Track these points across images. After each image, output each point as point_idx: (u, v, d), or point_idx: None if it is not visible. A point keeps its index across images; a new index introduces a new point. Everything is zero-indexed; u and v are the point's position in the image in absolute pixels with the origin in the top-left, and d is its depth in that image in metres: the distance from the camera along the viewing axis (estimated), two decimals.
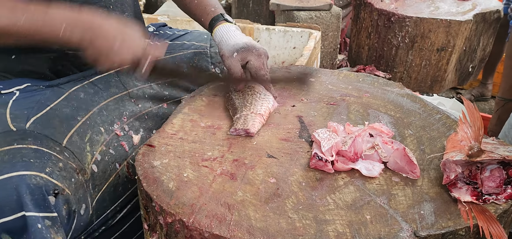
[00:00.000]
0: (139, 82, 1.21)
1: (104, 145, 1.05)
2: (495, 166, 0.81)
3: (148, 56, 1.01)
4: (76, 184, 0.91)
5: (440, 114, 1.12)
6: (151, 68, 1.03)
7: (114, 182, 1.06)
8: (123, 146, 1.09)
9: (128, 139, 1.11)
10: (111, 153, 1.06)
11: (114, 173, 1.06)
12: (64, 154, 0.93)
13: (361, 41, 2.93)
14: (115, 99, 1.13)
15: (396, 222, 0.77)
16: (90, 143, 1.02)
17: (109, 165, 1.05)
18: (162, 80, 1.24)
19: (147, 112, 1.20)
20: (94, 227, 1.03)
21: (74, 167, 0.92)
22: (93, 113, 1.05)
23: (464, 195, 0.81)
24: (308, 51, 2.03)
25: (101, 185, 1.02)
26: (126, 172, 1.09)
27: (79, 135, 1.00)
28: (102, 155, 1.03)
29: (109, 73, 1.17)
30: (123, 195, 1.10)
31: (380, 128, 0.98)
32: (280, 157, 0.96)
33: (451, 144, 0.88)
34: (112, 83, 1.16)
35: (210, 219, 0.78)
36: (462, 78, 2.99)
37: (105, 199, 1.04)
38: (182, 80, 1.28)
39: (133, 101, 1.18)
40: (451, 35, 2.59)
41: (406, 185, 0.87)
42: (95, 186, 1.01)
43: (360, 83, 1.31)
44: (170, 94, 1.27)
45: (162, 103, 1.24)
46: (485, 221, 0.76)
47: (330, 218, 0.78)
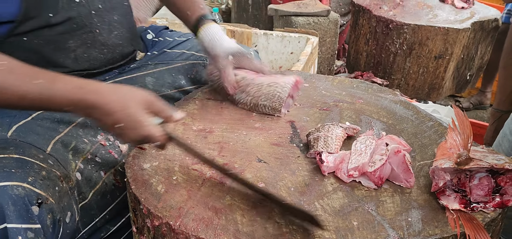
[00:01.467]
0: None
1: (89, 153, 1.03)
2: (484, 174, 0.81)
3: (154, 140, 0.90)
4: (61, 192, 0.89)
5: (433, 121, 1.12)
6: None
7: (101, 190, 1.05)
8: (111, 153, 1.08)
9: (115, 147, 1.09)
10: (97, 161, 1.04)
11: (99, 181, 1.04)
12: (48, 162, 0.91)
13: (359, 48, 2.93)
14: None
15: (383, 229, 0.77)
16: (74, 152, 1.00)
17: (93, 173, 1.04)
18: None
19: None
20: (83, 236, 1.02)
21: (58, 174, 0.90)
22: (75, 126, 1.04)
23: (452, 202, 0.81)
24: (305, 56, 2.03)
25: (87, 192, 1.01)
26: (113, 180, 1.08)
27: (63, 144, 0.99)
28: (85, 163, 1.02)
29: None
30: (112, 203, 1.08)
31: (400, 140, 0.94)
32: (270, 161, 0.96)
33: (441, 151, 0.88)
34: None
35: (197, 223, 0.78)
36: (460, 86, 2.99)
37: (92, 207, 1.03)
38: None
39: None
40: (449, 43, 2.59)
41: (395, 192, 0.87)
42: (80, 194, 1.00)
43: (354, 89, 1.31)
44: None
45: None
46: (472, 229, 0.76)
47: None
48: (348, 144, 0.99)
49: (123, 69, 1.24)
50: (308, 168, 0.94)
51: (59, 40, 1.07)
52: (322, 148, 0.94)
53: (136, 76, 1.22)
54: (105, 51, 1.17)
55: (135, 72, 1.23)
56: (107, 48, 1.17)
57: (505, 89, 1.59)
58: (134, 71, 1.24)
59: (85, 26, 1.10)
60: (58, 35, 1.06)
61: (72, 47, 1.09)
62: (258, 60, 1.20)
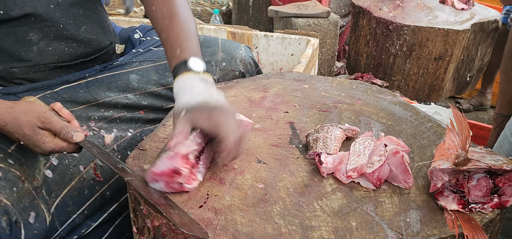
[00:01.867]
0: (113, 93, 1.16)
1: None
2: (482, 175, 0.81)
3: (62, 151, 0.92)
4: (20, 192, 0.88)
5: (431, 122, 1.13)
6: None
7: (78, 186, 1.03)
8: None
9: (98, 139, 1.08)
10: (74, 156, 1.02)
11: (76, 176, 1.03)
12: (8, 161, 0.90)
13: (359, 49, 2.94)
14: (81, 109, 1.10)
15: (381, 230, 0.77)
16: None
17: (70, 169, 1.02)
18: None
19: (120, 117, 1.16)
20: (61, 234, 1.01)
21: (17, 174, 0.89)
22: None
23: (450, 203, 0.81)
24: (306, 58, 2.04)
25: (60, 190, 1.00)
26: (93, 174, 1.07)
27: None
28: (60, 158, 1.00)
29: (78, 84, 1.14)
30: (90, 198, 1.07)
31: (398, 141, 0.95)
32: (270, 162, 0.96)
33: (440, 152, 0.88)
34: (80, 94, 1.12)
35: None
36: (460, 87, 2.99)
37: (68, 204, 1.02)
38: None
39: (103, 110, 1.14)
40: (449, 44, 2.60)
41: (393, 193, 0.87)
42: (51, 192, 0.98)
43: (353, 91, 1.31)
44: (150, 104, 1.22)
45: (138, 111, 1.21)
46: (470, 230, 0.76)
47: (316, 224, 0.78)
48: (347, 145, 1.00)
49: (105, 66, 1.23)
50: (307, 169, 0.94)
51: (18, 32, 1.05)
52: (321, 149, 0.95)
53: (120, 73, 1.21)
54: (74, 45, 1.14)
55: (118, 69, 1.22)
56: (76, 43, 1.14)
57: (506, 94, 1.59)
58: (117, 68, 1.22)
59: (46, 20, 1.07)
60: (17, 28, 1.04)
61: (34, 40, 1.07)
62: (221, 113, 0.86)
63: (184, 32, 1.00)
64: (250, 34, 2.35)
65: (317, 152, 0.94)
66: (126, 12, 2.76)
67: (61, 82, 1.12)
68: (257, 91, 1.28)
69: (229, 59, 1.36)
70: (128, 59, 1.26)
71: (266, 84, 1.33)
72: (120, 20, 2.31)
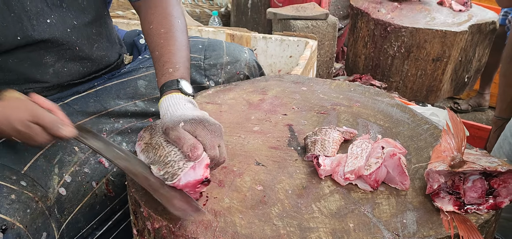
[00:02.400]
0: (122, 100, 1.17)
1: (77, 165, 1.02)
2: (477, 177, 0.82)
3: (61, 140, 0.93)
4: (33, 213, 0.89)
5: (428, 124, 1.14)
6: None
7: (90, 202, 1.04)
8: (102, 163, 1.07)
9: None
10: (86, 172, 1.03)
11: (89, 192, 1.03)
12: (20, 183, 0.90)
13: (358, 51, 2.95)
14: (91, 120, 1.11)
15: (378, 231, 0.78)
16: (59, 165, 0.99)
17: (83, 185, 1.02)
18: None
19: (130, 126, 1.17)
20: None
21: (31, 196, 0.90)
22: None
23: (446, 204, 0.82)
24: (304, 60, 2.05)
25: (72, 207, 1.00)
26: (105, 190, 1.07)
27: (46, 158, 0.98)
28: (73, 175, 1.01)
29: (87, 93, 1.15)
30: (100, 213, 1.08)
31: (395, 143, 0.95)
32: (269, 164, 0.98)
33: (436, 154, 0.90)
34: (90, 104, 1.13)
35: (196, 225, 0.79)
36: (458, 88, 3.01)
37: (79, 220, 1.03)
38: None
39: (113, 119, 1.14)
40: (446, 46, 2.61)
41: (390, 194, 0.88)
42: (64, 210, 0.99)
43: (351, 93, 1.33)
44: (158, 110, 1.23)
45: (147, 118, 1.21)
46: (466, 231, 0.77)
47: (314, 226, 0.79)
48: (345, 147, 1.01)
49: (113, 74, 1.24)
50: (306, 171, 0.95)
51: (35, 56, 1.05)
52: (319, 151, 0.96)
53: (127, 80, 1.22)
54: (88, 64, 1.16)
55: (125, 76, 1.23)
56: (90, 62, 1.16)
57: (506, 97, 1.60)
58: (125, 75, 1.23)
59: (62, 44, 1.07)
60: (33, 52, 1.05)
61: (50, 62, 1.08)
62: (217, 132, 0.88)
63: (178, 54, 1.02)
64: (249, 36, 2.36)
65: (315, 154, 0.95)
66: None
67: (71, 93, 1.13)
68: (255, 94, 1.30)
69: (234, 62, 1.37)
70: (135, 66, 1.27)
71: (264, 87, 1.34)
72: (119, 22, 2.32)
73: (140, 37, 1.41)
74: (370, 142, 0.96)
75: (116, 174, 1.10)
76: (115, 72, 1.24)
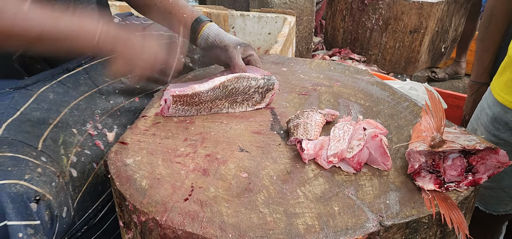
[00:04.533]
0: (109, 78, 1.20)
1: (78, 146, 1.04)
2: (457, 155, 0.84)
3: (173, 62, 1.12)
4: (57, 187, 0.91)
5: (408, 101, 1.15)
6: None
7: (93, 182, 1.07)
8: (98, 145, 1.09)
9: (103, 137, 1.11)
10: (87, 153, 1.06)
11: (92, 173, 1.06)
12: (41, 159, 0.92)
13: (336, 24, 2.95)
14: (85, 98, 1.12)
15: (363, 213, 0.80)
16: (64, 146, 1.01)
17: (86, 165, 1.05)
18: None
19: (119, 108, 1.19)
20: (76, 227, 1.04)
21: (53, 170, 0.92)
22: (64, 115, 1.05)
23: (427, 183, 0.84)
24: (283, 37, 2.04)
25: (81, 186, 1.02)
26: (104, 171, 1.09)
27: (52, 139, 0.99)
28: (78, 156, 1.03)
29: (77, 71, 1.16)
30: (103, 193, 1.10)
31: (376, 124, 0.97)
32: (252, 150, 0.98)
33: (416, 133, 0.91)
34: (81, 81, 1.15)
35: (183, 217, 0.79)
36: (435, 58, 3.05)
37: (86, 199, 1.04)
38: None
39: (104, 97, 1.17)
40: (423, 17, 2.63)
41: (373, 175, 0.90)
42: (75, 188, 1.01)
43: (332, 72, 1.33)
44: (142, 87, 1.26)
45: (133, 97, 1.24)
46: (446, 208, 0.80)
47: (300, 211, 0.80)
48: (327, 129, 1.02)
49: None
50: (289, 155, 0.96)
51: None
52: (302, 135, 0.97)
53: (110, 58, 1.21)
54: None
55: (107, 54, 1.23)
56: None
57: (483, 62, 1.63)
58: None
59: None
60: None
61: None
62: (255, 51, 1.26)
63: (179, 3, 1.27)
64: (226, 13, 2.33)
65: (298, 139, 0.95)
66: None
67: (62, 71, 1.13)
68: None
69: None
70: None
71: None
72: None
73: (113, 18, 1.42)
74: (352, 124, 0.97)
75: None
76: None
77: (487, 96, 1.38)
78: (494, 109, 1.29)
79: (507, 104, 1.22)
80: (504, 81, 1.24)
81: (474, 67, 1.69)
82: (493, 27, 1.55)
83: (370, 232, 0.76)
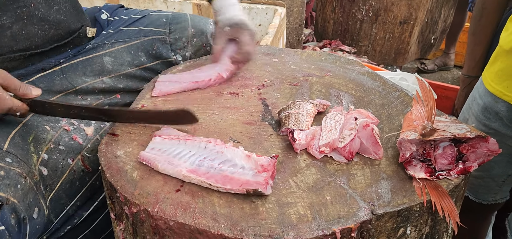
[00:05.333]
0: (89, 77, 1.17)
1: (51, 142, 1.01)
2: (447, 144, 0.85)
3: (16, 111, 0.94)
4: (24, 189, 0.88)
5: (399, 91, 1.16)
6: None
7: (69, 178, 1.04)
8: (76, 139, 1.06)
9: (80, 131, 1.08)
10: (61, 149, 1.03)
11: (67, 169, 1.03)
12: (6, 160, 0.89)
13: (326, 16, 2.95)
14: (58, 98, 1.10)
15: (355, 202, 0.80)
16: (35, 143, 0.98)
17: (60, 162, 1.02)
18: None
19: (98, 104, 1.16)
20: (56, 226, 1.02)
21: (18, 172, 0.89)
22: (34, 114, 1.02)
23: (418, 172, 0.85)
24: (273, 28, 2.04)
25: (54, 184, 1.00)
26: (82, 166, 1.07)
27: (21, 136, 0.97)
28: (49, 153, 1.00)
29: (53, 71, 1.13)
30: (81, 189, 1.08)
31: (367, 114, 0.98)
32: (244, 141, 0.98)
33: (407, 122, 0.92)
34: (57, 82, 1.11)
35: (175, 208, 0.79)
36: (425, 49, 3.07)
37: (61, 196, 1.02)
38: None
39: (80, 97, 1.14)
40: (413, 8, 2.64)
41: (365, 165, 0.90)
42: (47, 186, 0.98)
43: (323, 62, 1.33)
44: (125, 86, 1.23)
45: (114, 94, 1.21)
46: (437, 196, 0.80)
47: (292, 201, 0.80)
48: (318, 119, 1.02)
49: (78, 50, 1.21)
50: (281, 146, 0.96)
51: None
52: (294, 125, 0.97)
53: (93, 57, 1.20)
54: (46, 27, 1.13)
55: (91, 52, 1.21)
56: (48, 24, 1.13)
57: (474, 56, 1.64)
58: (91, 52, 1.21)
59: (17, 1, 1.05)
60: None
61: (7, 24, 1.05)
62: (251, 42, 1.22)
63: None
64: None
65: (290, 129, 0.95)
66: None
67: (36, 70, 1.10)
68: None
69: (199, 34, 1.35)
70: (99, 42, 1.25)
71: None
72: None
73: (101, 13, 1.37)
74: (343, 114, 0.97)
75: (91, 149, 1.10)
76: (80, 48, 1.22)
77: (479, 86, 1.39)
78: (485, 99, 1.30)
79: (498, 94, 1.23)
80: (495, 71, 1.25)
81: (466, 61, 1.70)
82: (485, 20, 1.56)
83: (362, 220, 0.76)
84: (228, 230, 0.74)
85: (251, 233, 0.74)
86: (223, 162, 0.87)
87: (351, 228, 0.75)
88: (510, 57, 1.19)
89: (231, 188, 0.81)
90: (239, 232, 0.74)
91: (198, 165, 0.87)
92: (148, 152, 0.91)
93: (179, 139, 0.93)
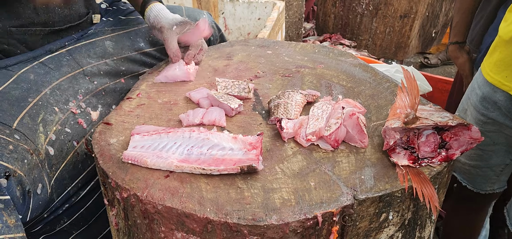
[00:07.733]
0: (93, 59, 1.22)
1: (59, 124, 1.05)
2: (430, 132, 0.86)
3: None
4: (30, 164, 0.93)
5: (389, 82, 1.18)
6: None
7: (73, 160, 1.08)
8: (81, 124, 1.10)
9: (86, 115, 1.12)
10: (67, 131, 1.07)
11: (72, 151, 1.08)
12: (14, 137, 0.94)
13: (327, 10, 2.96)
14: (68, 78, 1.14)
15: (338, 187, 0.82)
16: (43, 124, 1.02)
17: (66, 144, 1.06)
18: None
19: (104, 88, 1.20)
20: (56, 204, 1.06)
21: (26, 148, 0.93)
22: (45, 94, 1.06)
23: (401, 159, 0.87)
24: (271, 22, 2.05)
25: (59, 164, 1.04)
26: (85, 149, 1.11)
27: (31, 117, 1.01)
28: (57, 134, 1.05)
29: (60, 53, 1.17)
30: (83, 171, 1.12)
31: (355, 103, 1.00)
32: (234, 130, 1.00)
33: (393, 112, 0.93)
34: (64, 62, 1.16)
35: (163, 192, 0.82)
36: (426, 43, 3.07)
37: (65, 177, 1.06)
38: None
39: (88, 78, 1.18)
40: (413, 2, 2.64)
41: (350, 153, 0.92)
42: (52, 166, 1.02)
43: (316, 55, 1.35)
44: (127, 69, 1.28)
45: (119, 78, 1.25)
46: (419, 183, 0.82)
47: (277, 187, 0.83)
48: (308, 109, 1.04)
49: (81, 35, 1.26)
50: (270, 134, 0.98)
51: None
52: (282, 114, 0.99)
53: (96, 40, 1.26)
54: (63, 5, 1.19)
55: (93, 37, 1.26)
56: (64, 2, 1.19)
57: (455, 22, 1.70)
58: (92, 36, 1.27)
59: None
60: None
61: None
62: (202, 28, 1.30)
63: None
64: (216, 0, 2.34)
65: (278, 118, 0.97)
66: None
67: (44, 52, 1.15)
68: (221, 60, 1.31)
69: None
70: (100, 28, 1.31)
71: (230, 52, 1.35)
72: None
73: (100, 3, 1.43)
74: (331, 103, 0.99)
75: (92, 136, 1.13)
76: (83, 32, 1.28)
77: (478, 76, 1.39)
78: (483, 89, 1.31)
79: (496, 84, 1.24)
80: (493, 61, 1.26)
81: (452, 29, 1.76)
82: None
83: (344, 205, 0.78)
84: (213, 213, 0.77)
85: (235, 216, 0.76)
86: (212, 147, 0.89)
87: (332, 212, 0.77)
88: (509, 48, 1.20)
89: (225, 168, 0.84)
90: (224, 215, 0.76)
91: (188, 154, 0.89)
92: (131, 151, 0.92)
93: (159, 133, 0.94)
